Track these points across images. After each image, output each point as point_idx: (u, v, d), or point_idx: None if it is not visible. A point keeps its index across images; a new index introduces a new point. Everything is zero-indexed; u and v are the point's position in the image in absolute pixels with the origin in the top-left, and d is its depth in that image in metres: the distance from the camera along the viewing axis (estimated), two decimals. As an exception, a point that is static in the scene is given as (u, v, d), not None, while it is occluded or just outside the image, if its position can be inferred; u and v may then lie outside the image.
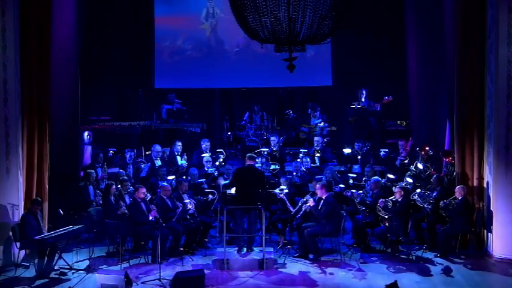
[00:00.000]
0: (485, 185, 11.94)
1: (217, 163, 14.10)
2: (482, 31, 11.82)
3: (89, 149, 14.30)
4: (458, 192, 11.73)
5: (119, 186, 12.62)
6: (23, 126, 11.61)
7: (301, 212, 11.92)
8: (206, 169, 13.89)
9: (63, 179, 12.65)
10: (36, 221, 11.11)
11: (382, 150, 14.68)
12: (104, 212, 12.13)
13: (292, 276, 10.91)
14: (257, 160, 13.78)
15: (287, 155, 15.12)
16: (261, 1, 8.62)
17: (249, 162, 11.93)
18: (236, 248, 11.61)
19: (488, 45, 11.76)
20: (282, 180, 12.90)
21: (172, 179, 13.15)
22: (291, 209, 12.17)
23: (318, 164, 14.44)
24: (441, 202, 11.81)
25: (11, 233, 11.21)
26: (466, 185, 11.95)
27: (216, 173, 13.70)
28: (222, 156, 14.47)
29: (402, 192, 11.87)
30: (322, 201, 11.74)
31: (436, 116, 13.97)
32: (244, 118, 16.32)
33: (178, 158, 14.45)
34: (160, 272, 10.57)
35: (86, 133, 14.40)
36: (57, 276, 10.82)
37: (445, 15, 12.84)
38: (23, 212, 11.34)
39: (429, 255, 11.78)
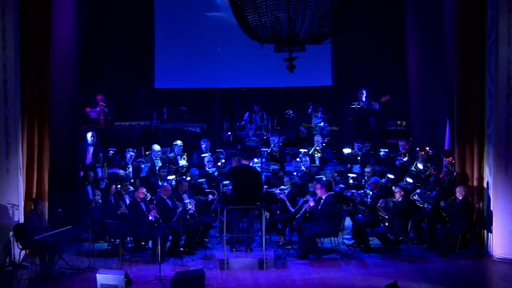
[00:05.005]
0: (485, 185, 11.94)
1: (219, 163, 14.09)
2: (482, 31, 11.81)
3: (91, 150, 14.26)
4: (459, 192, 11.72)
5: (119, 186, 12.62)
6: (23, 126, 11.61)
7: (301, 212, 11.93)
8: (207, 169, 13.88)
9: (63, 179, 12.64)
10: (39, 222, 11.13)
11: (382, 150, 14.67)
12: (104, 212, 12.14)
13: (292, 276, 10.90)
14: (256, 160, 13.78)
15: (287, 155, 15.11)
16: (261, 1, 8.62)
17: (244, 162, 11.87)
18: (235, 249, 11.60)
19: (488, 45, 11.75)
20: (285, 180, 12.89)
21: (172, 179, 13.14)
22: (291, 209, 12.17)
23: (318, 163, 14.44)
24: (441, 202, 11.82)
25: (11, 233, 11.21)
26: (466, 185, 11.94)
27: (216, 173, 13.70)
28: (223, 156, 14.46)
29: (402, 192, 11.88)
30: (322, 201, 11.75)
31: (436, 116, 13.97)
32: (244, 118, 16.29)
33: (178, 158, 14.44)
34: (160, 272, 10.58)
35: (89, 134, 14.32)
36: (57, 276, 10.81)
37: (445, 15, 12.83)
38: (23, 212, 11.35)
39: (429, 255, 11.79)
